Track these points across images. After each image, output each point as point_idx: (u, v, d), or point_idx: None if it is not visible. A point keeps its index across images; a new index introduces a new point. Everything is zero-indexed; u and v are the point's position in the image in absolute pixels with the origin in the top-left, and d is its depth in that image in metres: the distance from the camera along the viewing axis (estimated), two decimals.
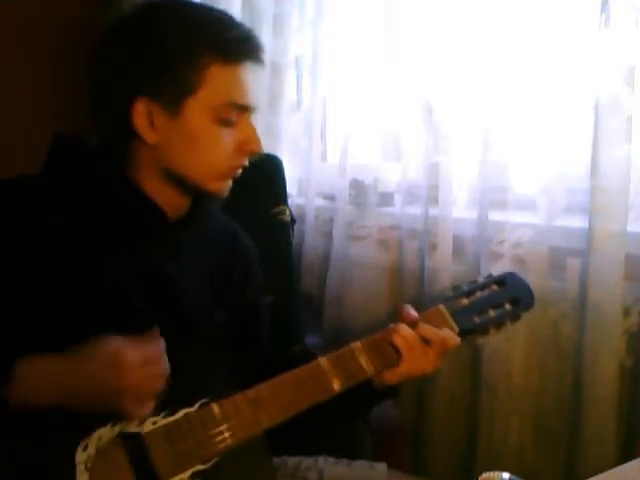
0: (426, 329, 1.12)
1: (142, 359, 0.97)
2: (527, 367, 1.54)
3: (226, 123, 1.10)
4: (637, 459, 1.09)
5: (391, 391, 1.18)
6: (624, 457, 1.33)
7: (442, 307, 1.15)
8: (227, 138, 1.11)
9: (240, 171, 1.15)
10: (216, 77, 1.09)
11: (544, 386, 1.53)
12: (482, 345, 1.55)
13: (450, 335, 1.13)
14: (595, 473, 1.03)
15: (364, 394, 1.15)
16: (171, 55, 1.08)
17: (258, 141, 1.13)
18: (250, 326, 1.29)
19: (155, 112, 1.09)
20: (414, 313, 1.13)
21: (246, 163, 1.14)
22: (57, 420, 0.96)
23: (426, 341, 1.11)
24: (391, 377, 1.13)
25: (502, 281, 1.19)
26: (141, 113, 1.09)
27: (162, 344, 0.99)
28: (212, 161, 1.11)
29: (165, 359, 0.99)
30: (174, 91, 1.08)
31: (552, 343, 1.51)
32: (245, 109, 1.12)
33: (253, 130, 1.13)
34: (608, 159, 1.38)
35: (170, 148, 1.10)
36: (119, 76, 1.10)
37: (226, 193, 1.15)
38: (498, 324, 1.17)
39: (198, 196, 1.16)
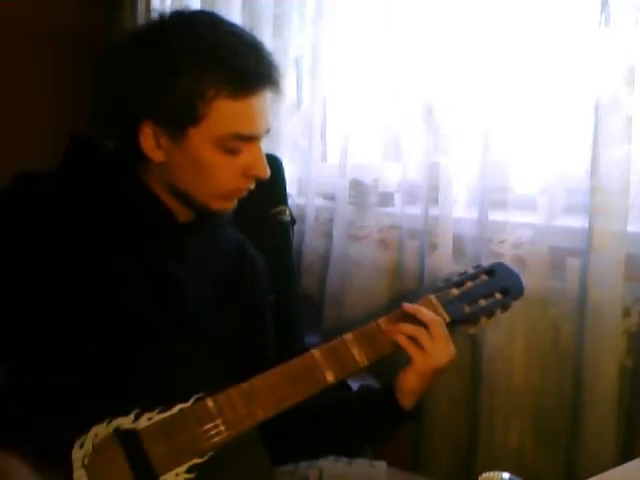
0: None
1: None
2: (527, 367, 1.54)
3: (231, 151, 1.09)
4: (637, 459, 1.10)
5: (415, 410, 1.18)
6: (624, 457, 1.33)
7: (433, 297, 1.16)
8: (232, 164, 1.10)
9: (246, 193, 1.14)
10: (222, 109, 1.07)
11: (544, 386, 1.53)
12: (480, 342, 1.56)
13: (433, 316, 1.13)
14: (595, 473, 1.03)
15: (390, 413, 1.16)
16: (178, 84, 1.06)
17: (264, 167, 1.11)
18: (253, 334, 1.28)
19: (161, 134, 1.09)
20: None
21: (252, 186, 1.13)
22: (54, 418, 0.96)
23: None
24: (410, 378, 1.14)
25: (491, 271, 1.20)
26: (148, 134, 1.09)
27: None
28: (215, 185, 1.11)
29: None
30: (178, 120, 1.07)
31: (552, 343, 1.51)
32: (252, 139, 1.10)
33: (259, 156, 1.11)
34: (608, 159, 1.38)
35: (175, 168, 1.11)
36: (126, 98, 1.10)
37: (230, 210, 1.15)
38: (489, 313, 1.18)
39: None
